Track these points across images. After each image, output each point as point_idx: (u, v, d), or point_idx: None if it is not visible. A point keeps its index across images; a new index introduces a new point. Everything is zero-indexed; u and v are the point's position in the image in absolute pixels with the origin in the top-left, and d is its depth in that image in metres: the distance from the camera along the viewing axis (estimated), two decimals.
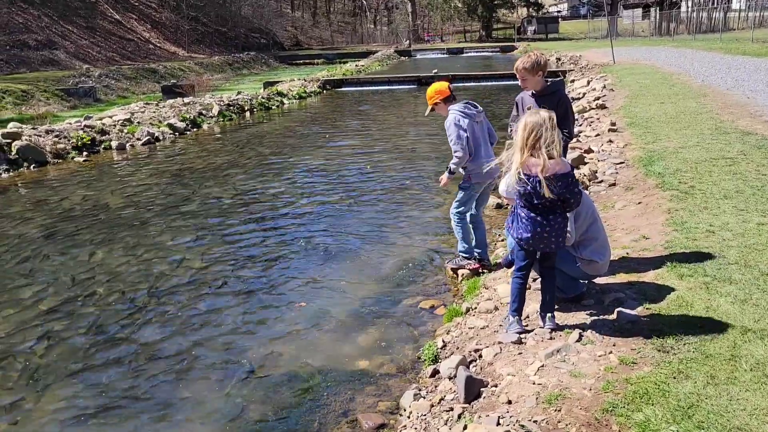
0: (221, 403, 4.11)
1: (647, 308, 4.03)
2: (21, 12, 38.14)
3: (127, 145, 14.41)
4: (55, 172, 12.01)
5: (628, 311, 3.97)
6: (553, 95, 4.92)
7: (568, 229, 4.03)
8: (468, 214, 5.68)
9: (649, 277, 4.53)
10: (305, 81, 27.50)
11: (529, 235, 3.83)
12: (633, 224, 5.74)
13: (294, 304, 5.56)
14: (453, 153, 5.41)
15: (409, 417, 3.65)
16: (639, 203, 6.38)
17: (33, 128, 13.82)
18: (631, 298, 4.21)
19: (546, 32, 64.99)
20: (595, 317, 4.05)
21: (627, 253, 5.05)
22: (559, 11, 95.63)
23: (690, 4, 47.37)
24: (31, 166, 12.18)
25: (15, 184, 10.98)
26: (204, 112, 18.67)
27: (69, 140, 13.62)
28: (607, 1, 41.08)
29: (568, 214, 3.99)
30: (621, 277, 4.63)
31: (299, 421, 3.86)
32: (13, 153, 12.19)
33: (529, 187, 3.70)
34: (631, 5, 64.63)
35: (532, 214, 3.80)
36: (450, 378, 3.81)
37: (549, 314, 4.02)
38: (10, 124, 13.83)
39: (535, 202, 3.74)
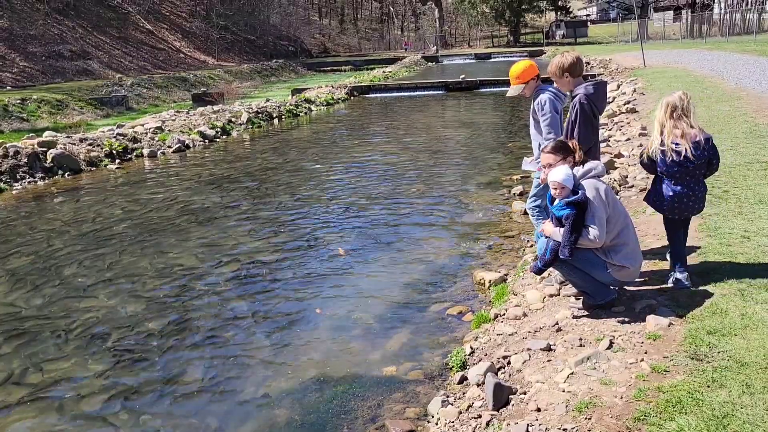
0: (249, 407, 4.14)
1: (680, 315, 3.96)
2: (56, 24, 39.07)
3: (159, 152, 14.64)
4: (89, 179, 12.25)
5: (660, 318, 3.90)
6: (574, 98, 4.83)
7: (596, 228, 4.00)
8: None
9: None
10: (333, 88, 27.67)
11: (674, 204, 4.37)
12: (664, 230, 5.62)
13: (319, 308, 5.57)
14: (545, 135, 5.16)
15: (437, 424, 3.64)
16: None
17: (67, 137, 14.13)
18: (663, 305, 4.13)
19: (575, 36, 64.46)
20: (626, 324, 3.99)
21: (659, 259, 4.97)
22: (588, 15, 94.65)
23: (723, 5, 46.54)
24: (66, 174, 12.43)
25: (51, 192, 11.23)
26: (233, 119, 18.89)
27: (102, 148, 13.89)
28: (637, 4, 40.62)
29: (596, 220, 3.98)
30: (653, 284, 4.55)
31: (327, 426, 3.86)
32: (48, 161, 12.47)
33: (683, 154, 4.20)
34: (661, 8, 63.73)
35: (674, 185, 4.34)
36: (478, 385, 3.78)
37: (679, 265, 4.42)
38: (46, 133, 14.15)
39: (689, 165, 4.24)
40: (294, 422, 3.94)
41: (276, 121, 20.48)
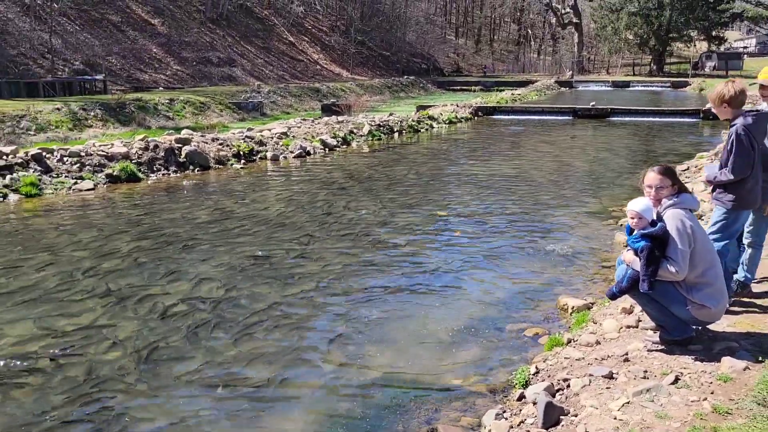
0: (313, 396, 4.39)
1: (760, 361, 3.76)
2: (209, 32, 42.27)
3: (281, 156, 15.50)
4: (216, 176, 13.23)
5: (736, 361, 3.73)
6: (731, 128, 4.66)
7: (677, 262, 3.88)
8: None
9: None
10: (458, 106, 27.84)
11: None
12: (764, 273, 5.30)
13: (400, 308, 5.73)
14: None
15: None
16: None
17: (201, 135, 15.32)
18: (744, 349, 3.94)
19: (726, 69, 60.28)
20: (699, 362, 3.84)
21: (753, 302, 4.70)
22: (745, 47, 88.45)
23: None
24: (196, 169, 13.50)
25: (182, 186, 12.24)
26: (355, 130, 19.57)
27: (231, 148, 14.92)
28: None
29: (678, 252, 3.87)
30: (740, 326, 4.34)
31: (384, 421, 4.03)
32: (182, 156, 13.60)
33: None
34: None
35: None
36: (534, 403, 3.79)
37: None
38: (184, 131, 15.43)
39: None
40: (354, 414, 4.14)
41: (396, 135, 20.96)
